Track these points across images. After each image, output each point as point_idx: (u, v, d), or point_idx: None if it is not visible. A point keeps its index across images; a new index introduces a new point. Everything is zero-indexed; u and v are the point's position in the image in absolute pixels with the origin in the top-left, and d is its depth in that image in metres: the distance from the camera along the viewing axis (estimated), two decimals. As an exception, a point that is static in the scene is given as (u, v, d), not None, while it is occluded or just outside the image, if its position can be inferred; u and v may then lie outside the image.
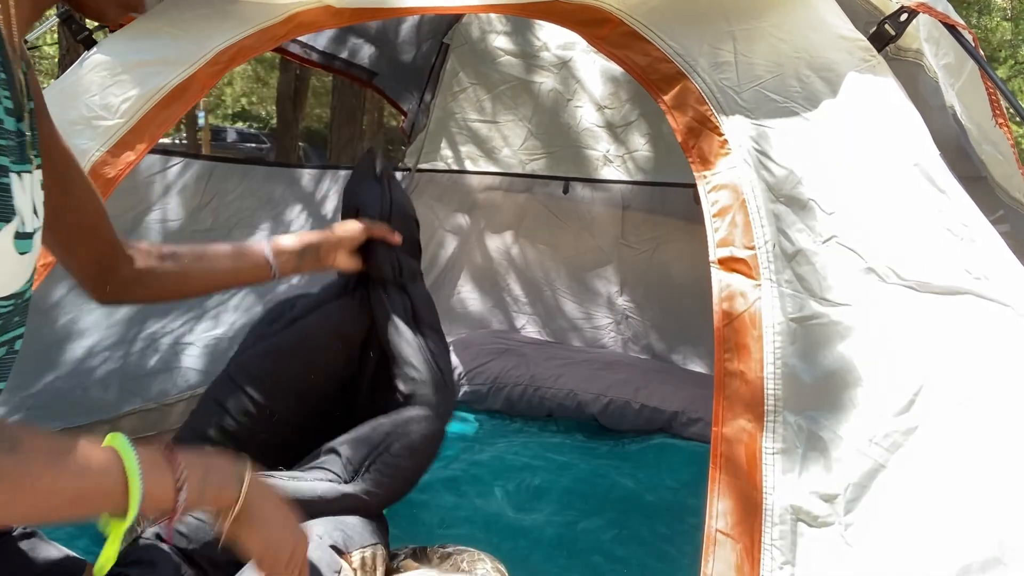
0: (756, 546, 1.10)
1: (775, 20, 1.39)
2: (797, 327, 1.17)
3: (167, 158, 2.61)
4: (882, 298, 1.15)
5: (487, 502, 2.33)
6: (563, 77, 3.60)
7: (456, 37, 3.70)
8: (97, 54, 1.90)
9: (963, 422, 1.06)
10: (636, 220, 3.61)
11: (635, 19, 1.47)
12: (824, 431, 1.12)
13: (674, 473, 2.56)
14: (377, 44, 3.41)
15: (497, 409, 3.16)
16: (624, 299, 3.67)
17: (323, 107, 14.47)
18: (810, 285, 1.18)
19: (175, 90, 1.82)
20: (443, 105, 3.85)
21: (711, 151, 1.32)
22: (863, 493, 1.08)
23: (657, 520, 2.25)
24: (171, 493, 0.76)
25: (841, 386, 1.12)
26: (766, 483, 1.12)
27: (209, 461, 0.84)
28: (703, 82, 1.37)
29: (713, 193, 1.30)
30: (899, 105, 1.28)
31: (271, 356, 1.45)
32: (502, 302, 3.92)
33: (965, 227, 1.17)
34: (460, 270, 3.98)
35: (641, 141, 3.54)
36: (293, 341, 1.45)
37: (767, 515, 1.11)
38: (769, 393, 1.15)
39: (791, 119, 1.30)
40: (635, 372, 3.19)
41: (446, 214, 3.96)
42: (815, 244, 1.20)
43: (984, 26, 9.34)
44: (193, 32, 1.87)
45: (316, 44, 3.17)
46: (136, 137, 1.80)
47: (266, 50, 1.95)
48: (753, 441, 1.15)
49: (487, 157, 3.89)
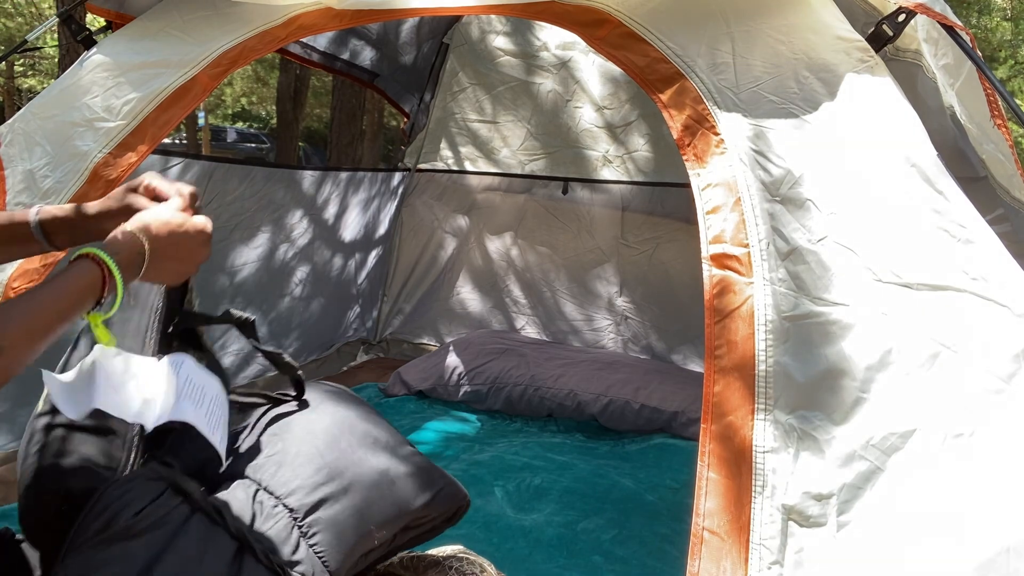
0: (744, 545, 1.11)
1: (773, 21, 1.40)
2: (790, 325, 1.17)
3: (167, 158, 2.62)
4: (878, 298, 1.15)
5: (487, 502, 2.33)
6: (562, 78, 3.60)
7: (456, 37, 3.71)
8: (97, 54, 1.91)
9: (961, 424, 1.07)
10: (635, 220, 3.62)
11: (634, 20, 1.48)
12: (817, 431, 1.12)
13: (674, 473, 2.56)
14: (378, 45, 3.42)
15: (497, 409, 3.17)
16: (624, 299, 3.68)
17: (323, 107, 14.47)
18: (804, 284, 1.19)
19: (176, 92, 1.82)
20: (443, 105, 3.86)
21: (707, 149, 1.33)
22: (858, 495, 1.08)
23: (657, 520, 2.25)
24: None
25: (835, 386, 1.13)
26: (756, 482, 1.12)
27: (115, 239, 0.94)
28: (701, 82, 1.37)
29: (707, 191, 1.30)
30: (897, 106, 1.29)
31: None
32: (502, 302, 3.92)
33: (962, 228, 1.17)
34: (459, 270, 3.99)
35: (640, 142, 3.55)
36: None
37: (756, 514, 1.11)
38: (760, 391, 1.16)
39: (789, 119, 1.30)
40: (635, 372, 3.20)
41: (445, 214, 3.97)
42: (811, 243, 1.20)
43: (984, 26, 9.34)
44: (194, 34, 1.88)
45: (317, 45, 3.18)
46: (137, 139, 1.81)
47: (268, 52, 1.95)
48: (743, 439, 1.15)
49: (486, 157, 3.89)
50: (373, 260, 3.93)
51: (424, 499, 1.26)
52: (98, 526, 0.99)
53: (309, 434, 1.23)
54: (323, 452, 1.20)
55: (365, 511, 1.19)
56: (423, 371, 3.32)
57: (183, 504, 1.05)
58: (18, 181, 1.79)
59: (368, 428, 1.28)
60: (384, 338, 4.08)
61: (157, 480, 1.07)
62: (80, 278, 0.87)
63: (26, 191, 1.78)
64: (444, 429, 2.97)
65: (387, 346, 4.08)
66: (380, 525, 1.20)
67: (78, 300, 0.87)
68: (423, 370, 3.33)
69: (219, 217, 2.88)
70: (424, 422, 3.01)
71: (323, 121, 15.20)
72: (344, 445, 1.23)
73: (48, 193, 1.76)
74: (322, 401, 1.32)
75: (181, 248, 0.99)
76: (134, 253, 0.93)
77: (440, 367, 3.29)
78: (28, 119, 1.87)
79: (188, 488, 1.07)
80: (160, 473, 1.09)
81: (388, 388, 3.36)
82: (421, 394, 3.29)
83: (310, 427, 1.25)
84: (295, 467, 1.18)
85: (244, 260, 3.10)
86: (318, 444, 1.22)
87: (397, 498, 1.23)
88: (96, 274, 0.88)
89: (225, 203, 2.89)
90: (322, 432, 1.24)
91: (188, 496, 1.07)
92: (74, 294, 0.87)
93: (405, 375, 3.34)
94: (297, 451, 1.20)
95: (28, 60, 13.29)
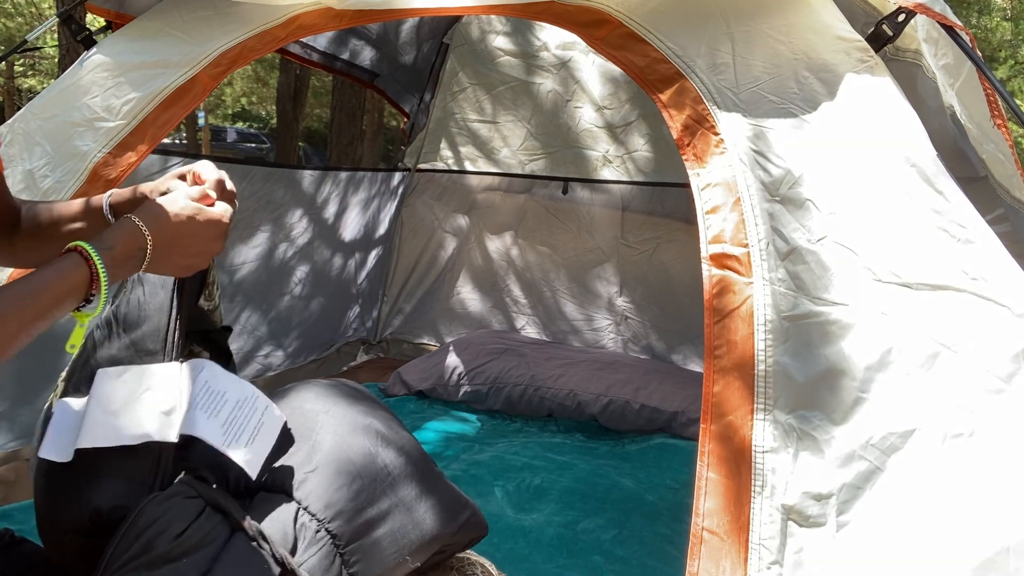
0: (744, 545, 1.10)
1: (773, 21, 1.40)
2: (790, 325, 1.17)
3: (167, 158, 2.62)
4: (878, 298, 1.15)
5: (487, 502, 2.33)
6: (562, 78, 3.60)
7: (456, 37, 3.71)
8: (97, 54, 1.91)
9: (961, 424, 1.06)
10: (635, 220, 3.62)
11: (634, 20, 1.48)
12: (817, 431, 1.12)
13: (674, 473, 2.56)
14: (378, 45, 3.42)
15: (497, 409, 3.17)
16: (624, 299, 3.68)
17: (323, 107, 14.46)
18: (804, 284, 1.19)
19: (176, 92, 1.82)
20: (443, 105, 3.86)
21: (706, 149, 1.33)
22: (858, 495, 1.08)
23: (657, 520, 2.25)
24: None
25: (835, 386, 1.13)
26: (755, 482, 1.12)
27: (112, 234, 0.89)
28: (701, 82, 1.37)
29: (707, 191, 1.30)
30: (897, 106, 1.29)
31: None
32: (502, 302, 3.93)
33: (962, 228, 1.17)
34: (460, 270, 3.99)
35: (640, 142, 3.55)
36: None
37: (756, 514, 1.11)
38: (760, 391, 1.16)
39: (789, 119, 1.30)
40: (635, 372, 3.20)
41: (446, 214, 3.97)
42: (810, 243, 1.20)
43: (984, 26, 9.34)
44: (194, 34, 1.88)
45: (317, 45, 3.18)
46: (137, 139, 1.81)
47: (268, 52, 1.95)
48: (742, 439, 1.15)
49: (486, 157, 3.90)
50: (373, 260, 3.93)
51: (453, 528, 1.24)
52: (136, 550, 0.95)
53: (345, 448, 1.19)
54: (362, 472, 1.17)
55: (401, 539, 1.17)
56: (423, 371, 3.32)
57: (223, 523, 1.02)
58: (18, 181, 1.79)
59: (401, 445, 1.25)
60: (384, 338, 4.08)
61: (195, 498, 1.02)
62: (65, 274, 0.82)
63: (26, 191, 1.77)
64: (444, 429, 2.98)
65: (387, 346, 4.08)
66: (414, 553, 1.18)
67: (60, 297, 0.81)
68: (423, 370, 3.33)
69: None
70: (424, 422, 3.01)
71: (323, 121, 15.20)
72: (380, 465, 1.20)
73: (48, 193, 1.76)
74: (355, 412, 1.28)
75: (189, 241, 0.93)
76: (134, 247, 0.88)
77: (440, 367, 3.29)
78: (28, 119, 1.87)
79: (228, 507, 1.03)
80: (198, 490, 1.04)
81: (388, 388, 3.36)
82: (421, 394, 3.29)
83: (343, 441, 1.21)
84: (336, 488, 1.14)
85: (243, 259, 3.10)
86: (356, 462, 1.18)
87: (429, 527, 1.20)
88: (83, 271, 0.82)
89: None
90: (358, 448, 1.20)
91: (228, 515, 1.03)
92: (56, 291, 0.81)
93: (405, 375, 3.34)
94: (337, 469, 1.16)
95: (28, 60, 13.29)
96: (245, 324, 3.18)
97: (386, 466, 1.20)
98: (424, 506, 1.21)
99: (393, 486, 1.19)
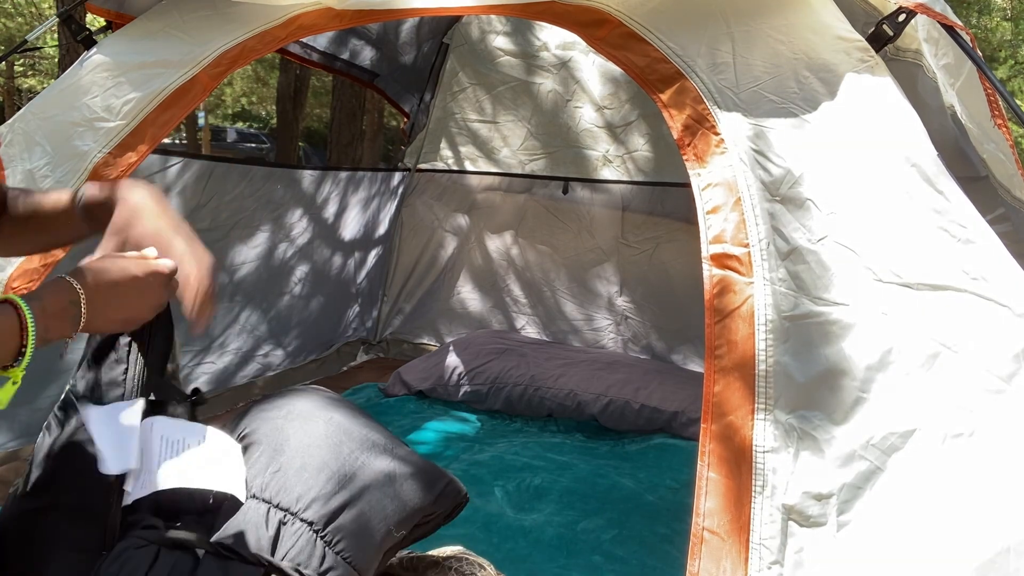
0: (744, 545, 1.11)
1: (773, 21, 1.40)
2: (790, 325, 1.17)
3: (166, 158, 2.62)
4: (878, 298, 1.15)
5: (487, 502, 2.33)
6: (562, 77, 3.60)
7: (456, 37, 3.71)
8: (97, 54, 1.91)
9: (961, 424, 1.06)
10: (636, 220, 3.62)
11: (634, 20, 1.48)
12: (817, 431, 1.12)
13: (674, 473, 2.56)
14: (378, 45, 3.42)
15: (497, 409, 3.16)
16: (624, 299, 3.68)
17: (323, 107, 14.46)
18: (804, 284, 1.19)
19: (176, 92, 1.82)
20: (443, 105, 3.86)
21: (707, 149, 1.33)
22: (858, 494, 1.08)
23: (657, 520, 2.25)
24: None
25: (835, 386, 1.13)
26: (756, 482, 1.12)
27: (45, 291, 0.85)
28: (701, 82, 1.37)
29: (707, 190, 1.30)
30: (897, 105, 1.28)
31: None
32: (502, 302, 3.93)
33: (963, 228, 1.17)
34: (460, 270, 3.99)
35: (641, 141, 3.55)
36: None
37: (756, 514, 1.11)
38: (760, 391, 1.16)
39: (789, 119, 1.30)
40: (635, 372, 3.20)
41: (446, 214, 3.97)
42: (811, 243, 1.20)
43: (984, 26, 9.34)
44: (194, 34, 1.88)
45: (317, 45, 3.18)
46: (137, 139, 1.81)
47: (268, 52, 1.95)
48: (743, 439, 1.15)
49: (487, 157, 3.89)
50: (373, 260, 3.93)
51: (431, 497, 1.26)
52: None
53: (309, 444, 1.22)
54: (328, 461, 1.19)
55: (381, 512, 1.18)
56: (423, 371, 3.32)
57: (184, 556, 1.02)
58: (18, 181, 1.79)
59: (365, 432, 1.28)
60: (384, 338, 4.08)
61: (146, 546, 1.03)
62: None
63: (26, 191, 1.77)
64: (444, 429, 2.97)
65: (387, 346, 4.08)
66: (397, 524, 1.20)
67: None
68: (423, 370, 3.33)
69: (218, 216, 2.89)
70: (424, 422, 3.01)
71: (323, 121, 15.20)
72: (346, 451, 1.22)
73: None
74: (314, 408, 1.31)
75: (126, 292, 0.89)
76: (65, 302, 0.83)
77: (440, 367, 3.29)
78: (28, 119, 1.87)
79: (182, 538, 1.04)
80: (147, 538, 1.04)
81: (388, 388, 3.36)
82: (421, 394, 3.28)
83: (308, 437, 1.23)
84: (304, 480, 1.16)
85: (243, 259, 3.10)
86: (322, 454, 1.20)
87: (408, 497, 1.23)
88: (14, 323, 0.78)
89: (224, 202, 2.89)
90: (322, 440, 1.23)
91: (185, 547, 1.03)
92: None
93: (405, 375, 3.34)
94: (302, 464, 1.18)
95: (28, 60, 13.29)
96: (245, 324, 3.19)
97: (352, 452, 1.22)
98: (399, 479, 1.23)
99: (363, 467, 1.21)
